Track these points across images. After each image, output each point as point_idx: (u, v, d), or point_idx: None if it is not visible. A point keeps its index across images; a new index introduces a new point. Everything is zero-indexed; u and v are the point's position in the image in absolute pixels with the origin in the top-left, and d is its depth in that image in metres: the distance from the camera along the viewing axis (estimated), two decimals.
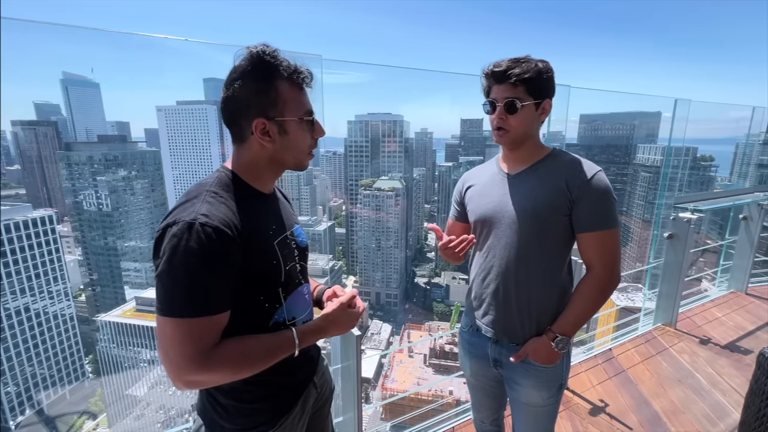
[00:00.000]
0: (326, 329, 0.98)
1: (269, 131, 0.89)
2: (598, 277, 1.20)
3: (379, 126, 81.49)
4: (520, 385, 1.32)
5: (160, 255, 0.77)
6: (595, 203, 1.16)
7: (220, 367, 0.80)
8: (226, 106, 0.89)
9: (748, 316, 3.75)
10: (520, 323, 1.27)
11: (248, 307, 0.89)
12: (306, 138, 0.96)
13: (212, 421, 0.95)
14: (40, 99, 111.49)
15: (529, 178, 1.25)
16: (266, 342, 0.89)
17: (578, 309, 1.22)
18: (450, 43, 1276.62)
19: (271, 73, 0.87)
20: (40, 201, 77.51)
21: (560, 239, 1.22)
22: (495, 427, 1.61)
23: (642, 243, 63.78)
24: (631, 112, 77.15)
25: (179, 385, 0.79)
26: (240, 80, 0.86)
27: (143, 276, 60.74)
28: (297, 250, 1.04)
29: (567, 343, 1.22)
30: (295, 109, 0.91)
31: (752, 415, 1.16)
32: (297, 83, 0.91)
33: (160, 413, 46.40)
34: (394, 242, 74.29)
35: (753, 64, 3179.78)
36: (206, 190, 0.86)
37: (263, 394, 0.95)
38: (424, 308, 75.88)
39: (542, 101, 1.20)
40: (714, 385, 2.77)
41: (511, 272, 1.25)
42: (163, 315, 0.77)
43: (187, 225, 0.76)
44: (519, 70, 1.14)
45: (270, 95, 0.87)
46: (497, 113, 1.19)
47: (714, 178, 54.73)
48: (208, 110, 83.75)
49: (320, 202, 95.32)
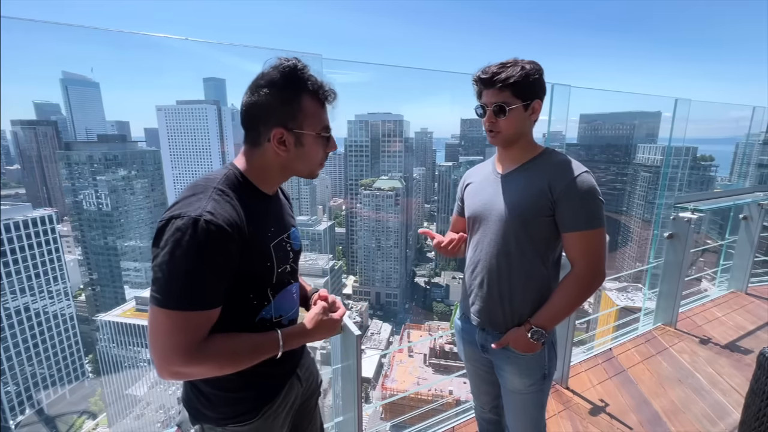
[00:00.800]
0: (310, 333, 1.03)
1: (286, 141, 0.91)
2: (579, 274, 1.24)
3: (380, 125, 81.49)
4: (504, 371, 1.39)
5: (161, 245, 0.78)
6: (578, 204, 1.20)
7: (206, 361, 0.83)
8: (248, 110, 0.90)
9: (748, 315, 3.75)
10: (503, 314, 1.34)
11: (237, 303, 0.91)
12: (319, 152, 0.99)
13: (196, 411, 0.97)
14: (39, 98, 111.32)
15: (517, 178, 1.31)
16: (253, 341, 0.92)
17: (557, 304, 1.27)
18: (450, 42, 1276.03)
19: (298, 87, 0.90)
20: (40, 200, 77.47)
21: (544, 238, 1.27)
22: (494, 415, 1.65)
23: (642, 243, 63.78)
24: (631, 111, 77.09)
25: (164, 375, 0.80)
26: (267, 88, 0.88)
27: (143, 276, 60.71)
28: (291, 252, 1.06)
29: (543, 335, 1.27)
30: (315, 124, 0.94)
31: (752, 415, 1.16)
32: (320, 100, 0.94)
33: (160, 413, 46.42)
34: (394, 242, 74.28)
35: (753, 63, 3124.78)
36: (213, 186, 0.87)
37: (244, 383, 0.97)
38: (424, 308, 75.91)
39: (531, 102, 1.23)
40: (714, 384, 2.77)
41: (495, 266, 1.32)
42: (157, 305, 0.78)
43: (192, 220, 0.77)
44: (504, 75, 1.19)
45: (293, 107, 0.90)
46: (487, 117, 1.25)
47: (714, 178, 54.69)
48: (207, 110, 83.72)
49: (320, 201, 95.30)
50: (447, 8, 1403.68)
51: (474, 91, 1.31)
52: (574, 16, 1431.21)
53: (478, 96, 1.30)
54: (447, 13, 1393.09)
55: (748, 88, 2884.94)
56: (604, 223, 1.23)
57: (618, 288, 40.28)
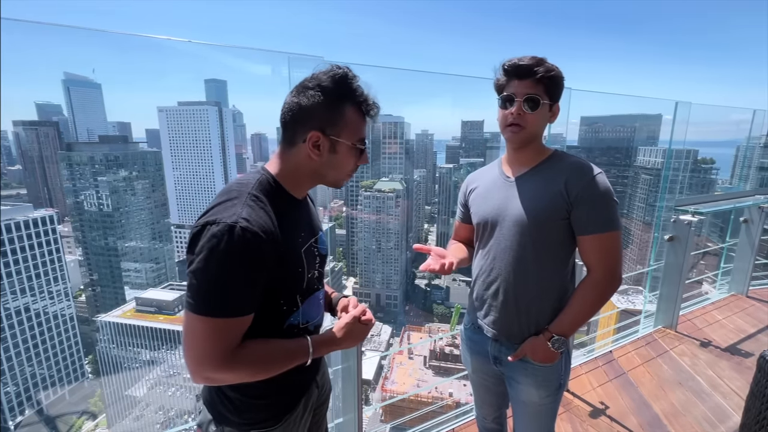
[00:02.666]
0: (339, 341, 1.02)
1: (320, 145, 0.91)
2: (596, 279, 1.20)
3: (380, 127, 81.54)
4: (519, 383, 1.33)
5: (196, 252, 0.78)
6: (594, 206, 1.16)
7: (240, 368, 0.83)
8: (291, 108, 0.91)
9: (749, 318, 3.74)
10: (519, 324, 1.28)
11: (267, 309, 0.91)
12: (351, 162, 0.99)
13: (219, 414, 0.97)
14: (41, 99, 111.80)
15: (530, 181, 1.26)
16: (285, 348, 0.92)
17: (576, 310, 1.22)
18: (450, 45, 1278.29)
19: (346, 96, 0.91)
20: (41, 201, 77.63)
21: (560, 242, 1.22)
22: (497, 425, 1.62)
23: (643, 245, 63.68)
24: (632, 114, 77.10)
25: (198, 379, 0.81)
26: (314, 90, 0.88)
27: (143, 276, 60.76)
28: (319, 257, 1.05)
29: (564, 343, 1.23)
30: (353, 134, 0.94)
31: (753, 418, 1.16)
32: (363, 111, 0.95)
33: (160, 414, 46.35)
34: (394, 244, 74.23)
35: (753, 67, 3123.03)
36: (248, 192, 0.86)
37: (269, 390, 0.97)
38: (424, 310, 75.76)
39: (554, 104, 1.22)
40: (714, 387, 2.76)
41: (511, 274, 1.26)
42: (192, 311, 0.79)
43: (228, 227, 0.77)
44: (543, 69, 1.15)
45: (335, 114, 0.90)
46: (516, 108, 1.18)
47: (715, 181, 54.60)
48: (209, 111, 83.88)
49: (320, 203, 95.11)
50: (447, 11, 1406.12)
51: (494, 84, 1.25)
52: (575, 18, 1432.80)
53: (499, 89, 1.23)
54: (448, 16, 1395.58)
55: (748, 92, 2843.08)
56: (620, 225, 1.20)
57: (619, 290, 40.15)
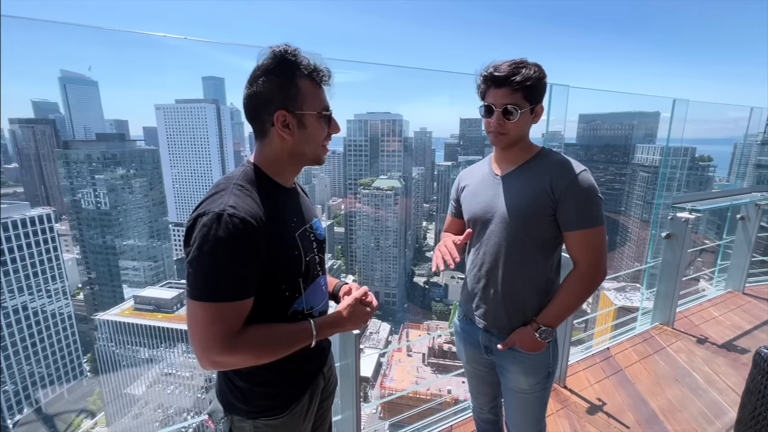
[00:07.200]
0: (342, 323, 1.06)
1: (289, 124, 0.94)
2: (582, 272, 1.25)
3: (379, 125, 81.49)
4: (509, 371, 1.38)
5: (191, 243, 0.84)
6: (579, 203, 1.20)
7: (243, 350, 0.87)
8: (250, 102, 0.93)
9: (745, 315, 3.77)
10: (507, 316, 1.34)
11: (270, 295, 0.94)
12: (322, 132, 1.01)
13: (229, 403, 1.00)
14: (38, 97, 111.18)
15: (517, 179, 1.30)
16: (286, 330, 0.96)
17: (562, 302, 1.28)
18: (449, 42, 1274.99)
19: (293, 70, 0.92)
20: (38, 199, 77.32)
21: (547, 237, 1.27)
22: (493, 415, 1.66)
23: (640, 243, 63.92)
24: (630, 112, 77.24)
25: (205, 364, 0.85)
26: (263, 77, 0.91)
27: (142, 275, 60.65)
28: (315, 242, 1.08)
29: (550, 334, 1.29)
30: (314, 104, 0.96)
31: (748, 414, 1.17)
32: (316, 81, 0.97)
33: (158, 412, 46.37)
34: (393, 241, 74.32)
35: (751, 64, 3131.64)
36: (233, 183, 0.91)
37: (277, 380, 1.00)
38: (422, 307, 75.99)
39: (536, 106, 1.23)
40: (711, 383, 2.78)
41: (499, 268, 1.32)
42: (192, 299, 0.84)
43: (216, 215, 0.82)
44: (520, 77, 1.15)
45: (291, 90, 0.92)
46: (495, 118, 1.21)
47: (712, 178, 54.74)
48: (206, 109, 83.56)
49: (319, 201, 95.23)
50: (447, 7, 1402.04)
51: (476, 89, 1.27)
52: (573, 16, 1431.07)
53: (482, 95, 1.25)
54: (447, 13, 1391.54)
55: (745, 89, 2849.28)
56: (604, 220, 1.24)
57: (616, 288, 40.39)
